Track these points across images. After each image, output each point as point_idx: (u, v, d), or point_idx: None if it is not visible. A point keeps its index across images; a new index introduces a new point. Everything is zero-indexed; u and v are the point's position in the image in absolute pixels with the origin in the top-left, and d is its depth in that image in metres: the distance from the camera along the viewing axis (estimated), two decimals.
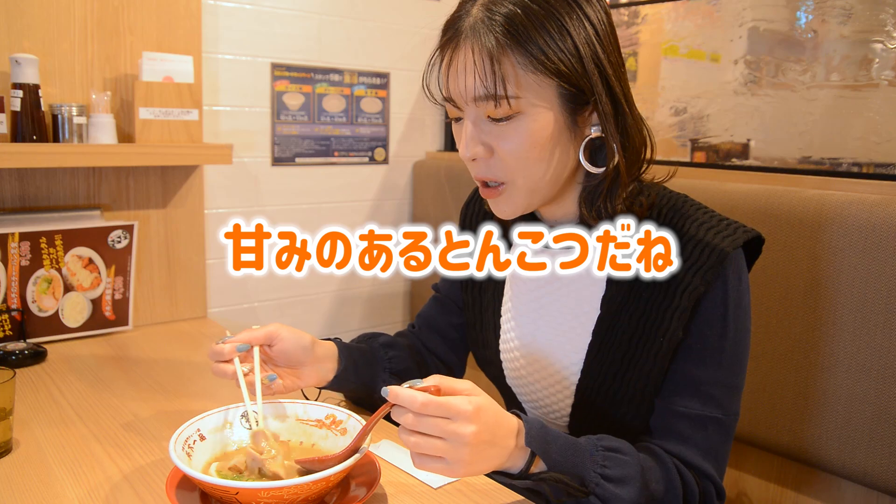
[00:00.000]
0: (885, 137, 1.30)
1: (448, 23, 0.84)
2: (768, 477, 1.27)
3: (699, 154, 1.62)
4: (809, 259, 1.15)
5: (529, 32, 0.78)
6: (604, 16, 0.82)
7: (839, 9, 1.35)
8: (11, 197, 1.39)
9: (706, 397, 0.83)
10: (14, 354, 1.25)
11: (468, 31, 0.80)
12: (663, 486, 0.80)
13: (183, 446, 0.80)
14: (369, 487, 0.78)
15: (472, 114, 0.82)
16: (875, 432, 1.08)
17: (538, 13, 0.78)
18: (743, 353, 0.85)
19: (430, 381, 0.72)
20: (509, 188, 0.85)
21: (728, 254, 0.81)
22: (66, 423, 1.02)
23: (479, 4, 0.81)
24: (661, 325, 0.84)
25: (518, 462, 0.74)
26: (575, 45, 0.79)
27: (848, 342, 1.11)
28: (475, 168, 0.85)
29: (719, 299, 0.82)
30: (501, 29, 0.78)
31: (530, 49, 0.78)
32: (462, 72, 0.80)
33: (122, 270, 1.46)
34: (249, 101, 1.75)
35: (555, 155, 0.82)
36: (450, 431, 0.68)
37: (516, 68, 0.78)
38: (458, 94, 0.82)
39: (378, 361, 1.05)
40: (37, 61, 1.30)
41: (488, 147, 0.83)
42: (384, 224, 2.06)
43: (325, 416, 0.90)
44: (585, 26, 0.80)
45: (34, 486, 0.84)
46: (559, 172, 0.84)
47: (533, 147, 0.81)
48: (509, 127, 0.81)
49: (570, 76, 0.79)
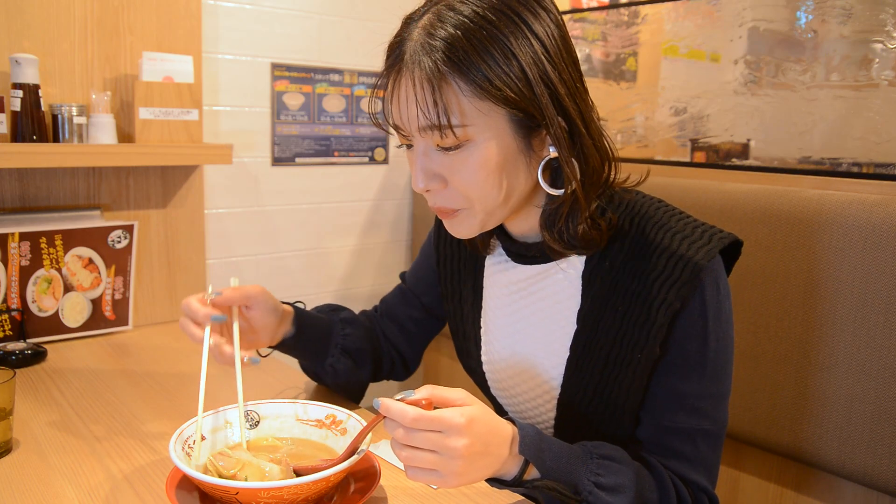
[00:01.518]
0: (885, 137, 1.30)
1: (390, 46, 0.80)
2: (768, 477, 1.27)
3: (699, 154, 1.62)
4: (809, 259, 1.15)
5: (471, 58, 0.73)
6: (554, 30, 0.77)
7: (839, 9, 1.35)
8: (11, 197, 1.39)
9: (692, 410, 0.81)
10: (14, 354, 1.25)
11: (408, 58, 0.76)
12: (657, 495, 0.79)
13: (183, 446, 0.80)
14: (369, 487, 0.78)
15: (420, 144, 0.79)
16: (875, 432, 1.08)
17: (480, 36, 0.74)
18: (726, 362, 0.83)
19: (422, 393, 0.71)
20: (465, 212, 0.82)
21: (703, 267, 0.78)
22: (66, 423, 1.02)
23: (420, 27, 0.77)
24: (638, 341, 0.82)
25: (512, 469, 0.73)
26: (521, 67, 0.74)
27: (848, 342, 1.11)
28: (430, 198, 0.82)
29: (697, 313, 0.80)
30: (442, 56, 0.73)
31: (473, 76, 0.73)
32: (405, 102, 0.77)
33: (122, 270, 1.46)
34: (249, 101, 1.75)
35: (511, 180, 0.79)
36: (442, 445, 0.67)
37: (459, 96, 0.74)
38: (403, 124, 0.79)
39: (332, 336, 1.05)
40: (37, 61, 1.30)
41: (441, 178, 0.79)
42: (384, 224, 2.06)
43: (325, 416, 0.90)
44: (533, 45, 0.75)
45: (34, 486, 0.84)
46: (517, 195, 0.82)
47: (487, 175, 0.77)
48: (459, 156, 0.77)
49: (517, 101, 0.75)
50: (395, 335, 1.13)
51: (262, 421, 0.91)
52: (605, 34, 1.85)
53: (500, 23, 0.74)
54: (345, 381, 1.07)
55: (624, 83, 1.83)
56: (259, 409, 0.91)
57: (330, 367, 1.05)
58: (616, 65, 1.84)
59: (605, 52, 1.86)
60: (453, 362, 2.06)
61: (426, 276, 1.10)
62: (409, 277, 1.14)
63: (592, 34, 1.90)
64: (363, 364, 1.08)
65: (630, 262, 0.83)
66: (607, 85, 1.88)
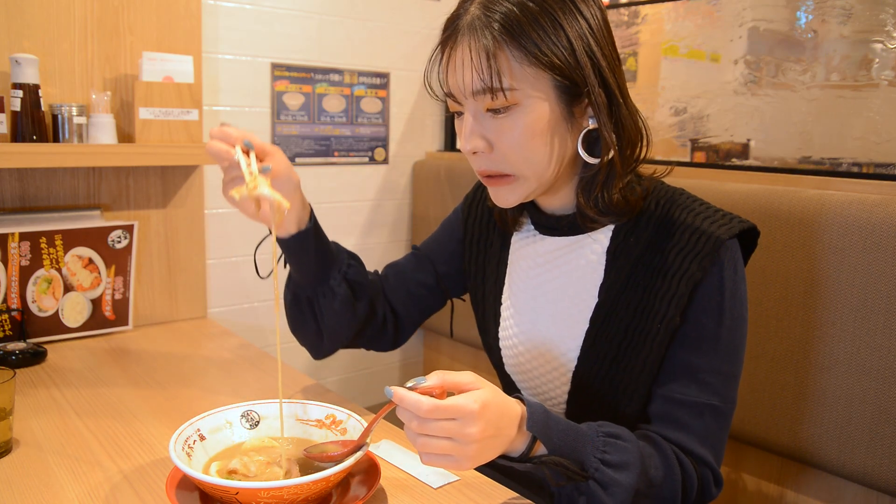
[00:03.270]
0: (885, 137, 1.30)
1: (448, 21, 0.87)
2: (768, 477, 1.27)
3: (699, 154, 1.62)
4: (809, 259, 1.15)
5: (524, 28, 0.80)
6: (598, 12, 0.85)
7: (839, 9, 1.35)
8: (11, 197, 1.39)
9: (703, 384, 0.84)
10: (14, 354, 1.25)
11: (465, 29, 0.83)
12: (662, 472, 0.80)
13: (183, 446, 0.80)
14: (369, 487, 0.79)
15: (471, 108, 0.85)
16: (875, 432, 1.08)
17: (533, 10, 0.81)
18: (739, 342, 0.86)
19: (433, 380, 0.72)
20: (518, 179, 0.86)
21: (723, 241, 0.83)
22: (66, 423, 1.02)
23: (478, 3, 0.83)
24: (659, 311, 0.85)
25: (519, 446, 0.75)
26: (568, 38, 0.81)
27: (848, 342, 1.11)
28: (477, 161, 0.87)
29: (715, 286, 0.84)
30: (498, 26, 0.80)
31: (525, 44, 0.80)
32: (460, 67, 0.83)
33: (122, 270, 1.46)
34: (249, 101, 1.75)
35: (553, 144, 0.84)
36: (457, 432, 0.69)
37: (511, 62, 0.80)
38: (457, 89, 0.85)
39: (339, 259, 1.03)
40: (37, 61, 1.30)
41: (488, 141, 0.85)
42: (384, 224, 2.06)
43: (324, 416, 0.90)
44: (579, 21, 0.82)
45: (34, 486, 0.84)
46: (559, 161, 0.86)
47: (532, 137, 0.83)
48: (507, 119, 0.82)
49: (563, 68, 0.81)
50: (398, 296, 1.10)
51: (261, 421, 0.91)
52: None
53: (552, 2, 0.82)
54: (340, 309, 1.02)
55: None
56: (259, 409, 0.91)
57: (329, 290, 1.01)
58: None
59: None
60: (453, 362, 2.06)
61: (448, 247, 1.11)
62: (427, 246, 1.14)
63: None
64: (361, 297, 1.04)
65: (654, 238, 0.87)
66: None
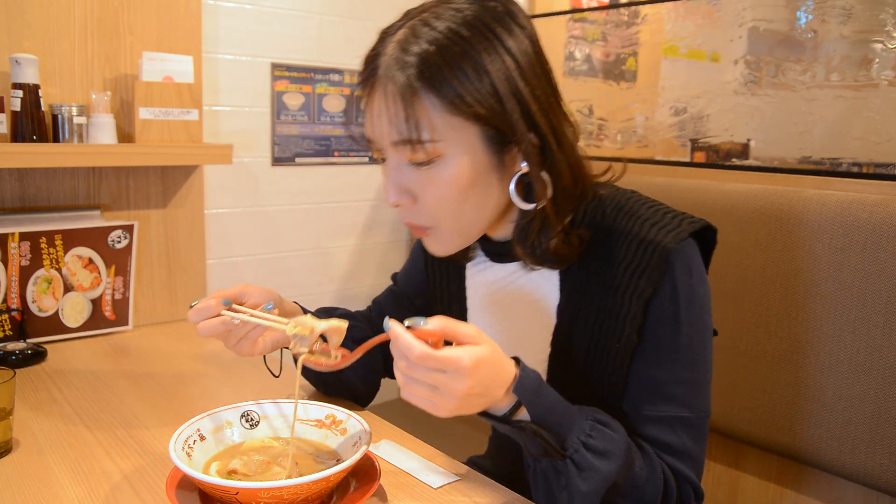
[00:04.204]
0: (885, 137, 1.30)
1: (366, 60, 0.81)
2: (768, 477, 1.27)
3: (699, 154, 1.62)
4: (809, 259, 1.15)
5: (443, 73, 0.74)
6: (527, 45, 0.78)
7: (839, 9, 1.35)
8: (11, 197, 1.39)
9: (668, 398, 0.81)
10: (14, 354, 1.25)
11: (382, 73, 0.77)
12: (647, 474, 0.78)
13: (183, 446, 0.80)
14: (369, 487, 0.78)
15: (392, 159, 0.80)
16: (875, 432, 1.08)
17: (453, 52, 0.74)
18: (702, 348, 0.82)
19: (432, 325, 0.70)
20: (436, 231, 0.82)
21: (671, 250, 0.78)
22: (66, 423, 1.02)
23: (395, 42, 0.77)
24: (616, 330, 0.82)
25: (502, 405, 0.73)
26: (493, 83, 0.74)
27: (848, 342, 1.11)
28: (401, 213, 0.83)
29: (668, 298, 0.79)
30: (414, 71, 0.74)
31: (445, 92, 0.74)
32: (377, 116, 0.78)
33: (122, 270, 1.46)
34: (249, 101, 1.75)
35: (482, 196, 0.80)
36: (443, 384, 0.68)
37: (431, 112, 0.75)
38: (376, 138, 0.80)
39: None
40: (37, 61, 1.30)
41: (412, 193, 0.80)
42: (384, 224, 2.06)
43: (324, 416, 0.90)
44: (505, 61, 0.75)
45: (34, 486, 0.84)
46: (490, 212, 0.82)
47: (458, 192, 0.78)
48: (431, 172, 0.77)
49: (488, 118, 0.75)
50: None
51: (261, 421, 0.91)
52: (605, 34, 1.85)
53: (473, 39, 0.75)
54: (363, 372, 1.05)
55: (624, 83, 1.84)
56: (259, 409, 0.91)
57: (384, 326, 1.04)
58: (616, 65, 1.84)
59: (605, 52, 1.86)
60: None
61: (417, 277, 1.10)
62: (401, 279, 1.14)
63: (592, 34, 1.90)
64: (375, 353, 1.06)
65: (604, 252, 0.83)
66: (607, 85, 1.88)
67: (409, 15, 0.79)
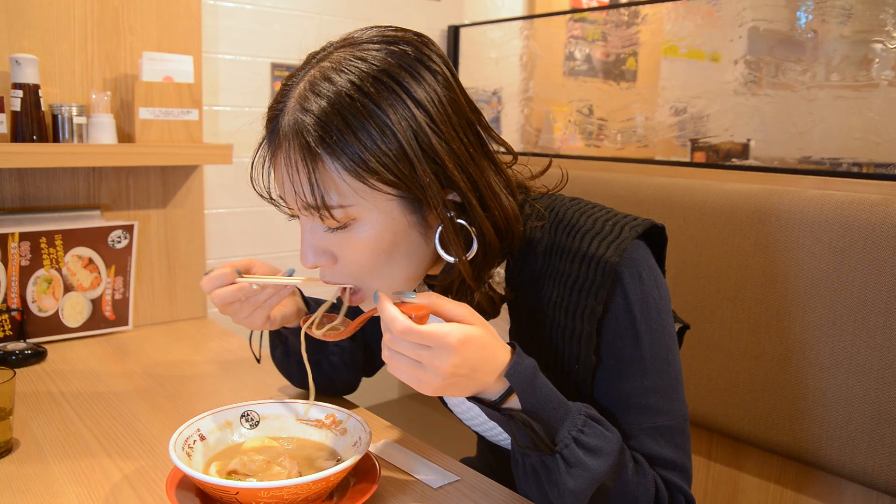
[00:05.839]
0: (885, 137, 1.30)
1: (268, 115, 0.76)
2: (768, 477, 1.27)
3: (699, 154, 1.62)
4: (809, 259, 1.15)
5: (345, 137, 0.68)
6: (440, 92, 0.72)
7: (839, 9, 1.36)
8: (11, 197, 1.39)
9: (643, 409, 0.78)
10: (14, 354, 1.25)
11: (283, 134, 0.71)
12: (637, 479, 0.75)
13: (183, 446, 0.80)
14: (369, 487, 0.79)
15: (306, 221, 0.75)
16: (875, 432, 1.08)
17: (355, 111, 0.68)
18: (667, 352, 0.79)
19: (423, 300, 0.68)
20: (367, 292, 0.78)
21: (615, 263, 0.75)
22: (66, 423, 1.02)
23: (295, 97, 0.72)
24: (573, 351, 0.79)
25: (493, 391, 0.70)
26: (400, 144, 0.68)
27: (848, 342, 1.11)
28: (321, 274, 0.78)
29: (622, 311, 0.77)
30: (314, 136, 0.68)
31: (348, 156, 0.68)
32: (283, 179, 0.73)
33: (122, 270, 1.46)
34: (249, 101, 1.75)
35: (408, 253, 0.75)
36: (427, 360, 0.65)
37: (335, 178, 0.69)
38: (287, 200, 0.75)
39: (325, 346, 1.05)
40: (37, 61, 1.30)
41: (330, 254, 0.76)
42: None
43: (325, 416, 0.91)
44: (415, 114, 0.69)
45: (34, 486, 0.84)
46: (421, 265, 0.77)
47: (380, 253, 0.73)
48: (348, 235, 0.73)
49: (396, 183, 0.69)
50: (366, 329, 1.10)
51: (261, 421, 0.91)
52: (605, 34, 1.85)
53: (377, 94, 0.69)
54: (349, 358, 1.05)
55: (624, 83, 1.84)
56: (259, 409, 0.91)
57: (335, 346, 1.05)
58: (616, 65, 1.84)
59: (605, 52, 1.86)
60: None
61: None
62: None
63: (592, 34, 1.90)
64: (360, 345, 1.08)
65: (548, 270, 0.79)
66: (607, 85, 1.88)
67: (309, 63, 0.74)
